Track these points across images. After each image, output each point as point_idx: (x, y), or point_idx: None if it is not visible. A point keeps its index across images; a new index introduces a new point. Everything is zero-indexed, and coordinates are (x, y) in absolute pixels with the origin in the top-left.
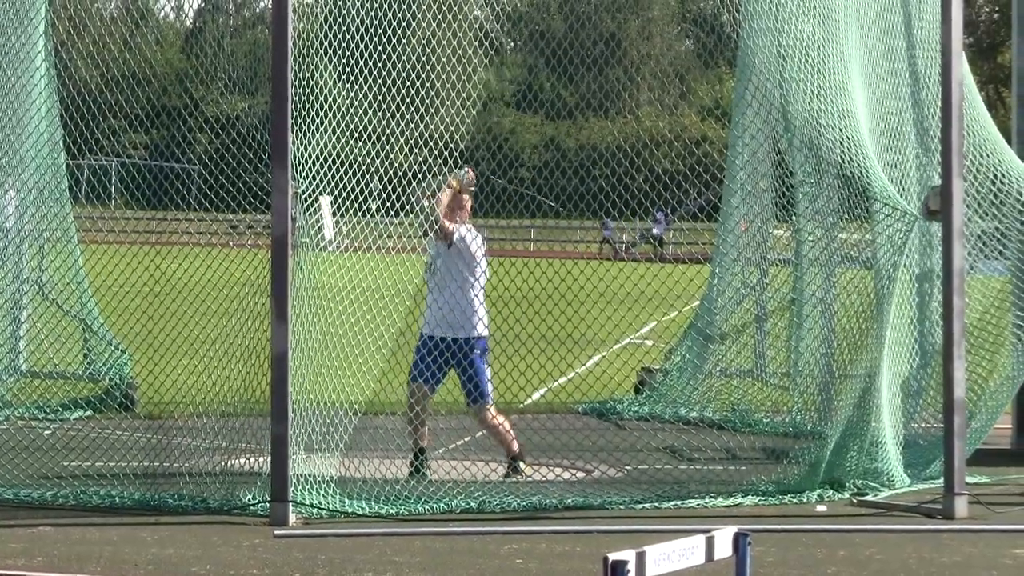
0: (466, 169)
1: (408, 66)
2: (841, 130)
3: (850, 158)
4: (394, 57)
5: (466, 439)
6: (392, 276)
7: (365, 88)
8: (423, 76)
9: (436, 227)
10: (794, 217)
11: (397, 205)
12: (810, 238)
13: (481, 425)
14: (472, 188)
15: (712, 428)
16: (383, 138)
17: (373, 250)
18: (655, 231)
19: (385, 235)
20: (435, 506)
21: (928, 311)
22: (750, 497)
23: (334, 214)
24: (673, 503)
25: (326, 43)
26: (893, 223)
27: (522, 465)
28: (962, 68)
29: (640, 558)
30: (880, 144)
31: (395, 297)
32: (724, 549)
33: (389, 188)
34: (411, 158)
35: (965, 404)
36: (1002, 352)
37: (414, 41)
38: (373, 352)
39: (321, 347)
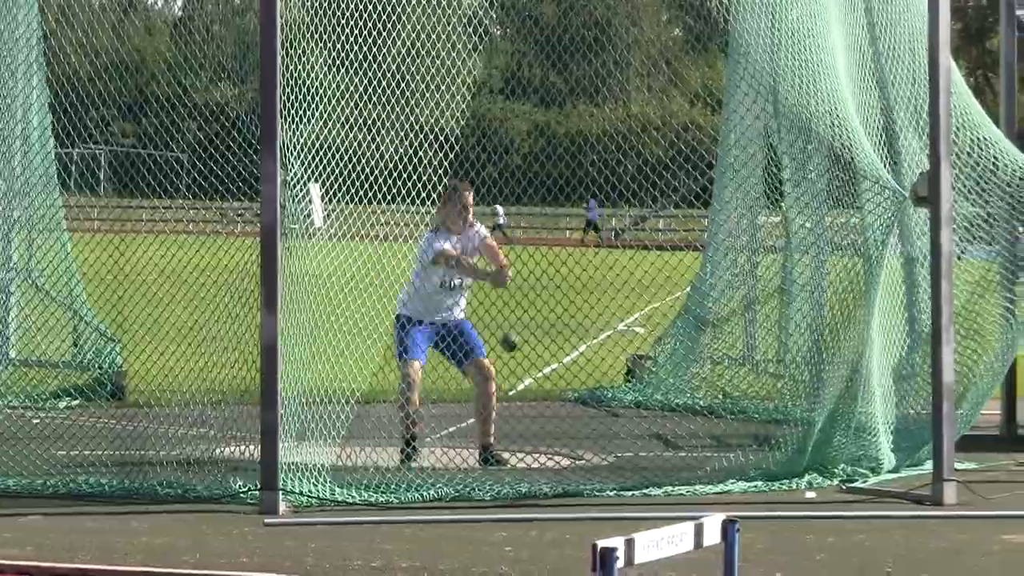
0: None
1: (397, 53)
2: (831, 111)
3: (840, 137)
4: (384, 44)
5: (458, 426)
6: (384, 264)
7: (354, 75)
8: (413, 63)
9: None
10: (784, 203)
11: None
12: (799, 221)
13: (485, 379)
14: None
15: (701, 415)
16: (373, 125)
17: (359, 237)
18: (589, 217)
19: (373, 222)
20: (425, 494)
21: (918, 295)
22: (739, 484)
23: (323, 200)
24: (662, 490)
25: (315, 30)
26: (882, 202)
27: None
28: (949, 56)
29: (629, 545)
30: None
31: (394, 284)
32: (713, 536)
33: (382, 174)
34: (401, 145)
35: (954, 389)
36: (987, 336)
37: (404, 28)
38: (364, 339)
39: (313, 335)
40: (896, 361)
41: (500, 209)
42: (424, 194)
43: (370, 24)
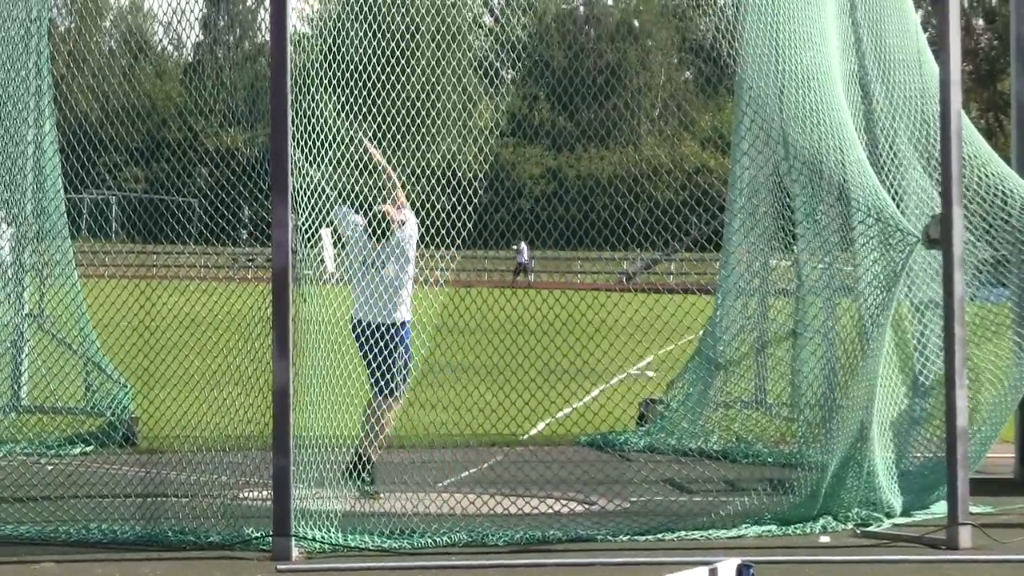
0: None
1: (408, 98)
2: (841, 153)
3: (850, 179)
4: (394, 88)
5: (468, 471)
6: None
7: (365, 120)
8: (424, 108)
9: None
10: (795, 246)
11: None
12: (811, 264)
13: (383, 419)
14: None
15: (714, 459)
16: (383, 170)
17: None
18: (519, 260)
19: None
20: (438, 540)
21: (924, 339)
22: (753, 528)
23: (335, 246)
24: (676, 535)
25: (326, 75)
26: (895, 244)
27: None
28: (960, 98)
29: None
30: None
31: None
32: None
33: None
34: (413, 189)
35: (968, 433)
36: (993, 379)
37: (414, 72)
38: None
39: (328, 381)
40: (905, 404)
41: (524, 247)
42: (439, 239)
43: (380, 68)
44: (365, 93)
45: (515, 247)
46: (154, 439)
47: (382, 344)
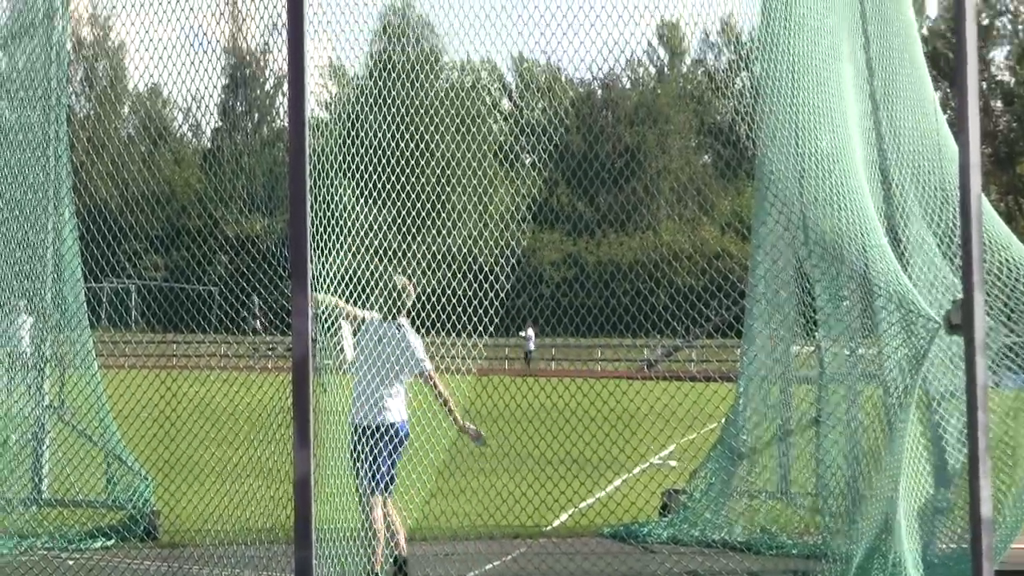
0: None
1: (428, 182)
2: (864, 236)
3: (873, 264)
4: (413, 174)
5: (493, 563)
6: (418, 394)
7: (384, 205)
8: (443, 192)
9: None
10: (817, 332)
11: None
12: (833, 351)
13: (380, 518)
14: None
15: (739, 551)
16: (404, 256)
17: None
18: (528, 347)
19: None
20: None
21: (945, 429)
22: None
23: (355, 334)
24: None
25: (344, 161)
26: (917, 330)
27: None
28: (979, 181)
29: None
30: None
31: (435, 416)
32: None
33: (414, 306)
34: (433, 276)
35: (992, 523)
36: (1016, 468)
37: (433, 158)
38: (407, 475)
39: (350, 472)
40: (930, 494)
41: (531, 333)
42: (460, 325)
43: (399, 154)
44: (384, 178)
45: (522, 334)
46: (175, 532)
47: (370, 445)
